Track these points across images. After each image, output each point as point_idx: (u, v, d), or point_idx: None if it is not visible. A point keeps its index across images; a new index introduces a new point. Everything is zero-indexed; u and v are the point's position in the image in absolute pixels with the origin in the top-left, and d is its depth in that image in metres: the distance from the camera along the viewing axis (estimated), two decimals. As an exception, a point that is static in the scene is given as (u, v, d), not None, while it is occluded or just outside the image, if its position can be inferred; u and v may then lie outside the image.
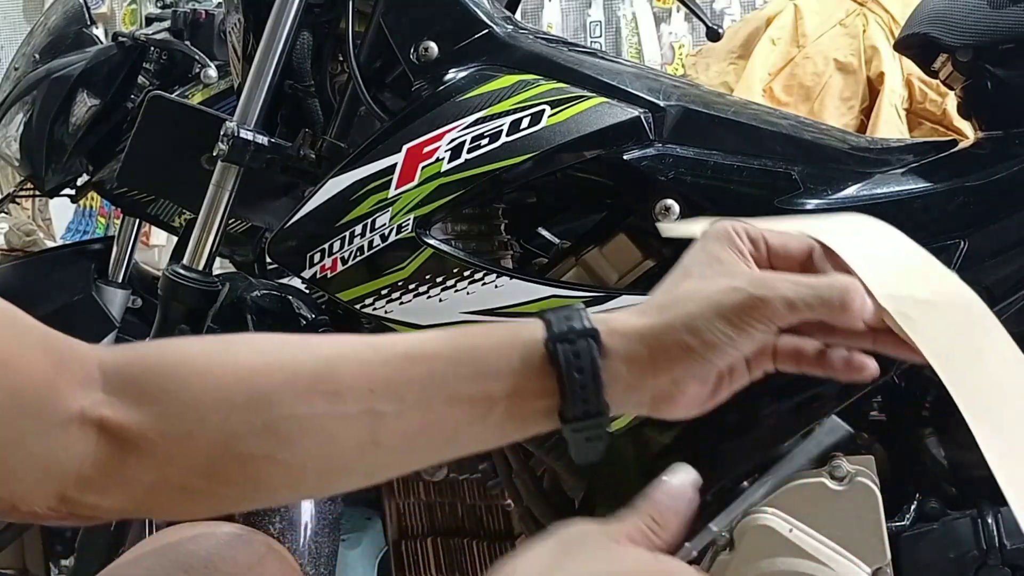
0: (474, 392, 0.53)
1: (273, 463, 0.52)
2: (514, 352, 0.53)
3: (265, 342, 0.55)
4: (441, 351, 0.54)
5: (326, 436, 0.52)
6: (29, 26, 2.31)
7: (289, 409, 0.52)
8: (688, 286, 0.54)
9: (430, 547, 1.56)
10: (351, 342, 0.54)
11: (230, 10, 1.31)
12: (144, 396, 0.51)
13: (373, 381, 0.52)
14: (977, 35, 1.04)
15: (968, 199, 1.02)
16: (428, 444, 0.54)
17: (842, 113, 2.27)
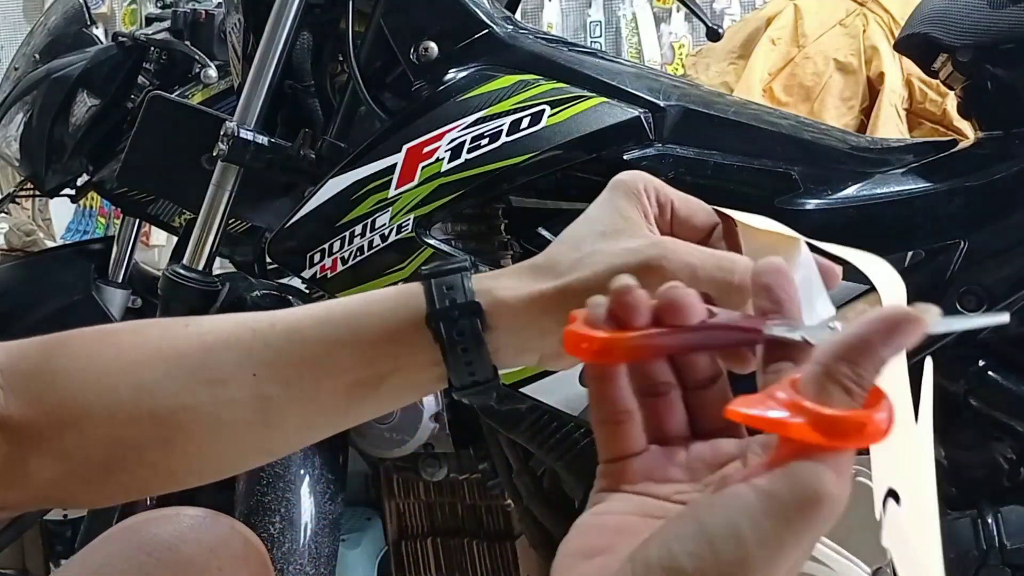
0: (360, 374, 0.52)
1: (168, 451, 0.52)
2: (397, 331, 0.52)
3: (148, 331, 0.55)
4: (321, 334, 0.52)
5: (216, 422, 0.52)
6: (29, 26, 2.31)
7: (174, 399, 0.52)
8: (589, 246, 0.51)
9: (430, 547, 1.56)
10: (232, 326, 0.54)
11: (230, 10, 1.31)
12: (35, 393, 0.52)
13: (257, 366, 0.52)
14: (977, 35, 1.04)
15: (968, 199, 1.02)
16: (323, 421, 0.54)
17: (842, 113, 2.27)
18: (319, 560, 1.09)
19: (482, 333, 0.51)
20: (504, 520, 1.52)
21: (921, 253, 1.01)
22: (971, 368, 1.05)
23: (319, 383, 0.52)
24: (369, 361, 0.52)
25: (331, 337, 0.52)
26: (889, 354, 0.35)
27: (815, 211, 1.03)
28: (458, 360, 0.51)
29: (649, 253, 0.49)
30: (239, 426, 0.53)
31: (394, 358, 0.52)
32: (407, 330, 0.52)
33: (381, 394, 0.53)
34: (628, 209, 0.52)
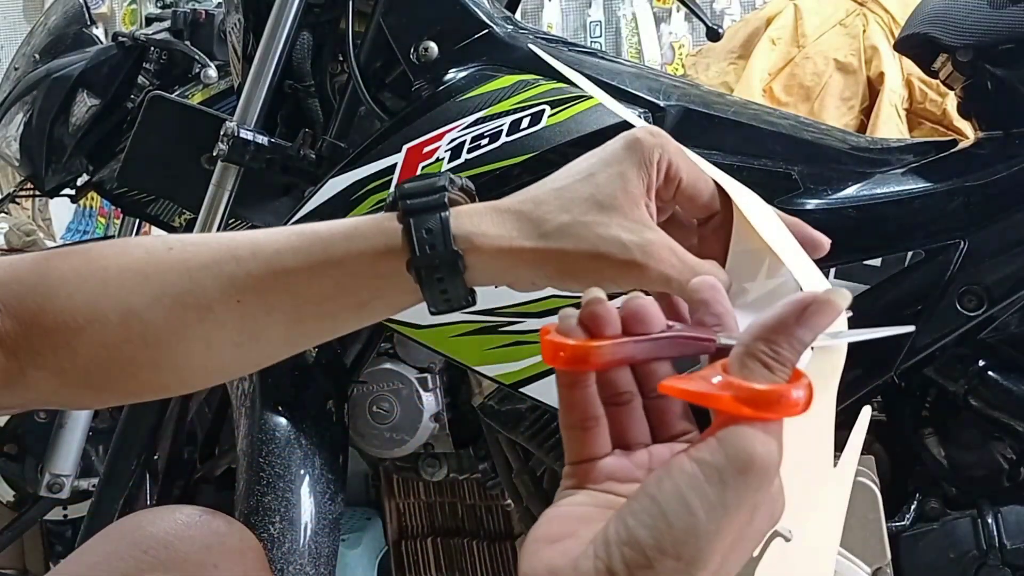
0: (342, 300, 0.55)
1: (159, 370, 0.55)
2: (378, 268, 0.54)
3: (132, 252, 0.56)
4: (302, 265, 0.54)
5: (204, 343, 0.55)
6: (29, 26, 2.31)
7: (163, 322, 0.54)
8: (580, 212, 0.52)
9: (430, 547, 1.56)
10: (215, 252, 0.55)
11: (230, 10, 1.31)
12: (30, 314, 0.54)
13: (241, 292, 0.54)
14: (977, 35, 1.04)
15: (968, 199, 1.02)
16: (306, 338, 0.57)
17: (842, 113, 2.27)
18: (319, 560, 1.09)
19: (460, 275, 0.53)
20: (504, 520, 1.52)
21: (921, 253, 1.01)
22: (971, 368, 1.05)
23: (301, 308, 0.55)
24: (351, 291, 0.55)
25: (313, 268, 0.54)
26: (806, 334, 0.39)
27: (815, 211, 1.03)
28: (435, 294, 0.55)
29: (634, 255, 0.51)
30: (227, 345, 0.55)
31: (375, 288, 0.55)
32: (388, 269, 0.54)
33: (362, 315, 0.56)
34: (633, 182, 0.52)
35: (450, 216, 0.53)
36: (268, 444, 1.09)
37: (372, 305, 0.56)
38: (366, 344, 1.30)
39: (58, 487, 1.61)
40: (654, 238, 0.51)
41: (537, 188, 0.53)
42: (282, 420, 1.11)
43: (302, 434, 1.12)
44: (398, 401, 1.28)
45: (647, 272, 0.50)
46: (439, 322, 1.08)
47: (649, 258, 0.51)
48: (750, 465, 0.36)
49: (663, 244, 0.51)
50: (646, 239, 0.51)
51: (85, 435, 1.63)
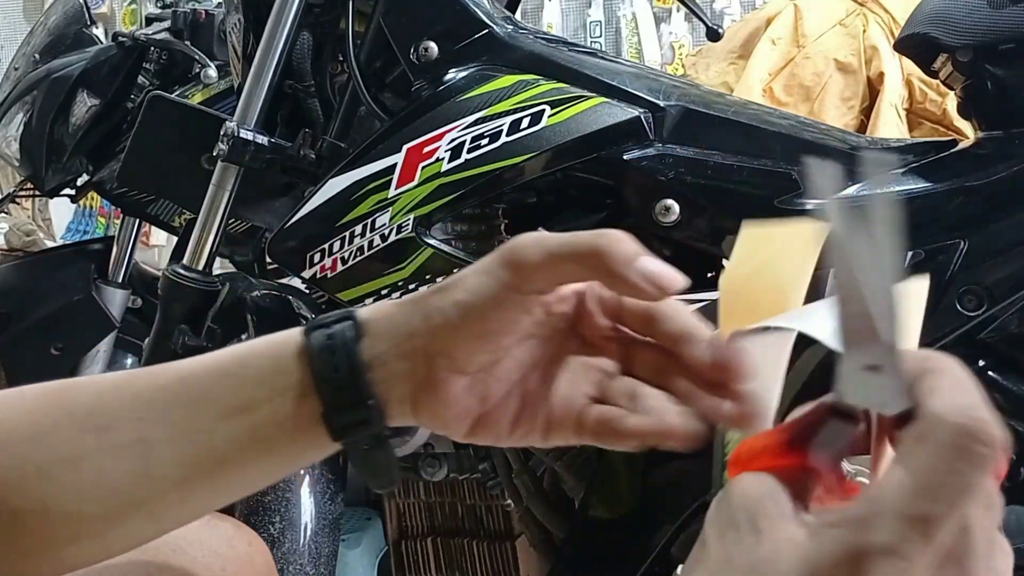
0: (237, 401, 0.49)
1: (47, 513, 0.50)
2: (275, 348, 0.49)
3: (50, 384, 0.52)
4: (212, 366, 0.50)
5: (97, 472, 0.49)
6: (29, 26, 2.31)
7: (60, 450, 0.49)
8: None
9: (430, 547, 1.56)
10: (135, 373, 0.52)
11: (230, 10, 1.31)
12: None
13: (144, 408, 0.50)
14: (977, 35, 1.04)
15: (968, 199, 1.02)
16: (200, 474, 0.50)
17: (842, 113, 2.27)
18: (319, 560, 1.09)
19: (353, 338, 0.47)
20: (504, 520, 1.52)
21: (921, 253, 1.01)
22: (971, 368, 1.05)
23: (198, 421, 0.50)
24: (244, 387, 0.49)
25: (217, 372, 0.50)
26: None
27: (815, 211, 1.03)
28: (327, 372, 0.47)
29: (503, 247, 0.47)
30: (120, 476, 0.49)
31: (270, 383, 0.49)
32: (285, 351, 0.49)
33: (256, 440, 0.49)
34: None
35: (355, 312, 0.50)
36: (268, 444, 1.09)
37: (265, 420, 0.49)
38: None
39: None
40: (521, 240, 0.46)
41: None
42: (282, 420, 1.11)
43: (302, 434, 1.11)
44: (398, 401, 1.28)
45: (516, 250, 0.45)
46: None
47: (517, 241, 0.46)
48: None
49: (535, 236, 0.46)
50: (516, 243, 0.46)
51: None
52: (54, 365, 1.64)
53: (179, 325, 1.21)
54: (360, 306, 0.50)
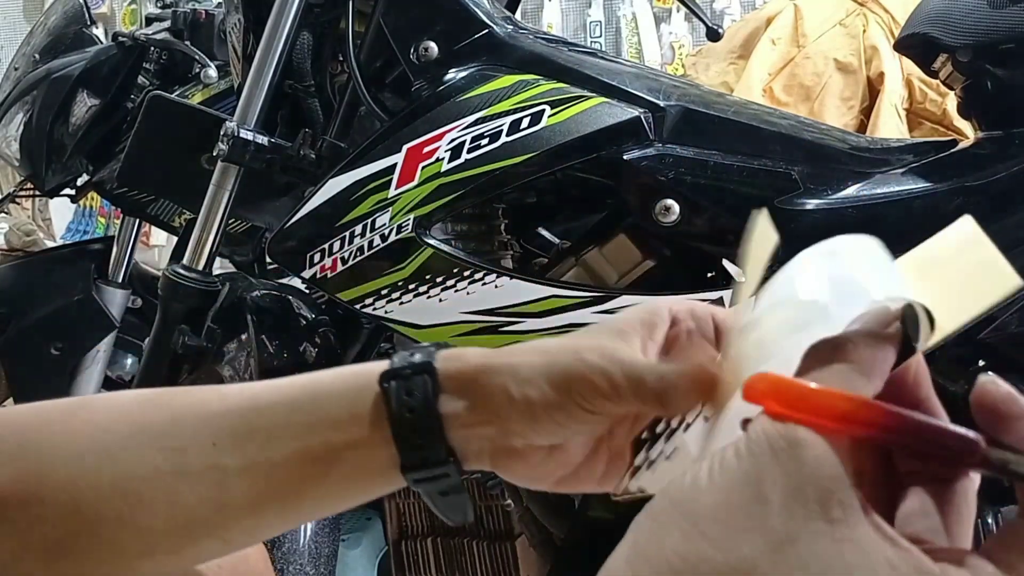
0: (313, 442, 0.49)
1: (122, 526, 0.50)
2: (350, 393, 0.49)
3: (123, 397, 0.53)
4: (285, 397, 0.50)
5: (171, 495, 0.50)
6: (29, 26, 2.31)
7: (134, 467, 0.50)
8: (559, 338, 0.48)
9: (430, 547, 1.56)
10: (205, 392, 0.52)
11: (230, 10, 1.31)
12: (5, 459, 0.50)
13: (217, 434, 0.50)
14: (977, 35, 1.04)
15: (968, 199, 1.02)
16: (273, 505, 0.51)
17: (842, 113, 2.27)
18: (319, 560, 1.09)
19: (431, 395, 0.47)
20: (504, 520, 1.52)
21: (921, 253, 1.01)
22: (971, 368, 1.05)
23: (272, 454, 0.49)
24: (322, 427, 0.49)
25: (291, 406, 0.50)
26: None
27: (815, 211, 1.03)
28: (404, 424, 0.47)
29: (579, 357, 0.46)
30: (193, 502, 0.50)
31: (346, 429, 0.49)
32: (361, 397, 0.49)
33: (331, 479, 0.50)
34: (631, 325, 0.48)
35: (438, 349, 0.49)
36: (268, 444, 1.09)
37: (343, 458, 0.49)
38: (366, 344, 1.30)
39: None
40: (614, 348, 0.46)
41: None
42: (282, 420, 1.11)
43: (302, 434, 1.11)
44: (398, 401, 1.28)
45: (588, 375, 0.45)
46: (439, 322, 1.08)
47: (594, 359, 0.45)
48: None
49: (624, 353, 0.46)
50: (606, 347, 0.46)
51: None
52: (54, 365, 1.64)
53: (179, 325, 1.21)
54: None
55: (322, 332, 1.26)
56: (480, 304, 1.07)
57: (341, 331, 1.30)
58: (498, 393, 0.46)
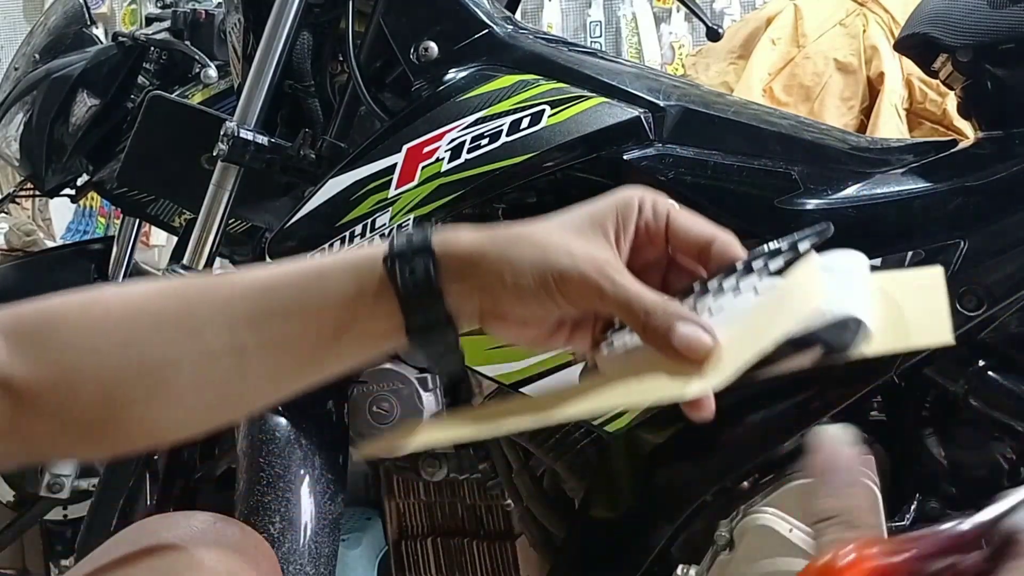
0: (326, 319, 0.55)
1: (151, 407, 0.56)
2: (357, 273, 0.55)
3: (133, 290, 0.58)
4: (294, 280, 0.56)
5: (196, 374, 0.55)
6: (29, 26, 2.31)
7: (159, 352, 0.55)
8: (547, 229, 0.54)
9: (430, 547, 1.56)
10: (213, 281, 0.57)
11: (230, 10, 1.31)
12: (34, 356, 0.55)
13: (233, 318, 0.55)
14: (977, 35, 1.04)
15: (968, 199, 1.02)
16: (292, 374, 0.57)
17: (842, 113, 2.27)
18: (319, 560, 1.09)
19: (433, 272, 0.53)
20: (504, 520, 1.52)
21: (921, 253, 1.01)
22: (971, 368, 1.05)
23: (288, 334, 0.55)
24: (332, 311, 0.55)
25: (301, 287, 0.55)
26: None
27: (815, 211, 1.03)
28: (410, 300, 0.54)
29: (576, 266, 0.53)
30: (217, 378, 0.56)
31: (355, 304, 0.55)
32: (368, 275, 0.54)
33: (343, 345, 0.56)
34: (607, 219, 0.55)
35: (432, 228, 0.55)
36: (268, 444, 1.09)
37: (354, 330, 0.55)
38: (366, 344, 1.30)
39: (58, 487, 1.61)
40: (606, 259, 0.53)
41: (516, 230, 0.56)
42: (282, 420, 1.11)
43: (302, 434, 1.12)
44: (398, 401, 1.28)
45: (584, 285, 0.52)
46: (439, 322, 1.08)
47: (591, 271, 0.52)
48: None
49: (612, 266, 0.53)
50: (599, 257, 0.53)
51: (85, 435, 1.63)
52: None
53: (179, 325, 1.21)
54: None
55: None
56: (480, 304, 1.07)
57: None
58: (493, 279, 0.53)
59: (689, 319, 0.52)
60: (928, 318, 0.48)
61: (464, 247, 0.54)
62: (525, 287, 0.53)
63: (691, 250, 0.56)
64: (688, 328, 0.51)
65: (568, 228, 0.54)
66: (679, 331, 0.51)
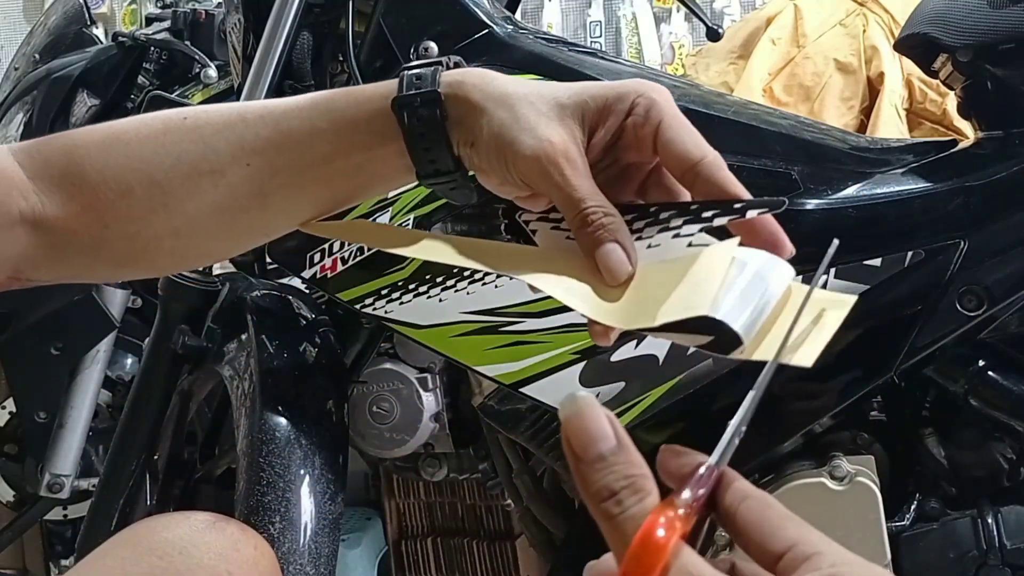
0: (338, 165, 0.57)
1: (180, 239, 0.60)
2: (368, 120, 0.56)
3: (152, 125, 0.59)
4: (304, 124, 0.57)
5: (218, 208, 0.58)
6: (29, 26, 2.31)
7: (181, 191, 0.58)
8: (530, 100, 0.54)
9: (430, 547, 1.56)
10: (226, 119, 0.59)
11: (230, 10, 1.31)
12: (65, 197, 0.59)
13: (250, 156, 0.58)
14: (977, 35, 1.04)
15: (968, 199, 1.02)
16: (309, 205, 0.60)
17: (842, 113, 2.27)
18: (319, 560, 1.08)
19: (441, 123, 0.55)
20: (504, 520, 1.52)
21: (921, 253, 1.01)
22: (971, 368, 1.05)
23: (302, 172, 0.58)
24: (346, 151, 0.57)
25: (315, 126, 0.57)
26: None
27: (815, 211, 1.03)
28: (416, 143, 0.55)
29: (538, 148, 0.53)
30: (239, 210, 0.59)
31: (368, 148, 0.57)
32: (376, 119, 0.56)
33: (357, 184, 0.59)
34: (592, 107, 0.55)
35: (442, 69, 0.56)
36: (268, 444, 1.09)
37: (367, 171, 0.58)
38: (366, 344, 1.30)
39: (58, 487, 1.61)
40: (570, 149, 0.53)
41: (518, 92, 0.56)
42: (282, 420, 1.11)
43: (302, 434, 1.11)
44: (398, 401, 1.28)
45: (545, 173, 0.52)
46: (439, 322, 1.08)
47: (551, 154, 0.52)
48: None
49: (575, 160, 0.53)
50: (563, 137, 0.53)
51: (85, 435, 1.64)
52: (54, 365, 1.64)
53: (179, 325, 1.21)
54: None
55: (322, 332, 1.26)
56: (480, 304, 1.07)
57: (341, 331, 1.30)
58: (476, 134, 0.54)
59: (620, 242, 0.51)
60: (807, 338, 0.47)
61: (469, 95, 0.55)
62: (491, 152, 0.54)
63: (676, 167, 0.53)
64: (614, 251, 0.51)
65: (548, 104, 0.54)
66: (605, 248, 0.51)
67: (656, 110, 0.53)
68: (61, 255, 0.60)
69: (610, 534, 0.34)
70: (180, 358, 1.23)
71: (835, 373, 1.03)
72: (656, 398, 1.03)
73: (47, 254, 0.59)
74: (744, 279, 0.48)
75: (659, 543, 0.33)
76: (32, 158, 0.59)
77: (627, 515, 0.34)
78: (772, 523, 0.36)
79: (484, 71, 0.57)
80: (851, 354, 1.01)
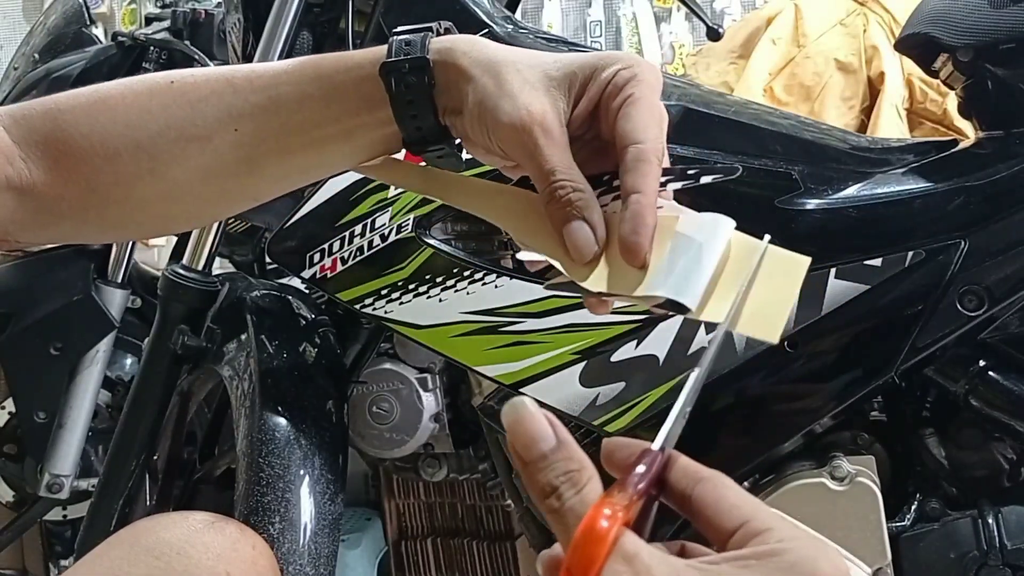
0: (327, 130, 0.57)
1: (168, 203, 0.60)
2: (357, 86, 0.56)
3: (137, 89, 0.59)
4: (293, 90, 0.57)
5: (206, 173, 0.58)
6: (29, 26, 2.31)
7: (168, 155, 0.58)
8: (518, 67, 0.54)
9: (430, 547, 1.56)
10: (214, 85, 0.58)
11: (230, 10, 1.31)
12: (51, 163, 0.58)
13: (237, 121, 0.57)
14: (977, 35, 1.04)
15: (968, 199, 1.02)
16: (297, 172, 0.60)
17: (842, 113, 2.27)
18: (319, 560, 1.08)
19: (428, 88, 0.54)
20: (504, 520, 1.52)
21: (921, 253, 1.01)
22: (971, 368, 1.05)
23: (290, 137, 0.57)
24: (335, 117, 0.56)
25: (303, 91, 0.57)
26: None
27: (815, 211, 1.03)
28: (403, 109, 0.55)
29: (525, 120, 0.52)
30: (226, 175, 0.59)
31: (355, 113, 0.56)
32: (365, 84, 0.55)
33: (346, 149, 0.58)
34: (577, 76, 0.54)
35: (432, 36, 0.57)
36: (268, 444, 1.09)
37: (356, 137, 0.57)
38: (366, 344, 1.30)
39: (58, 487, 1.61)
40: (550, 124, 0.52)
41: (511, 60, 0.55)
42: (282, 420, 1.11)
43: (302, 434, 1.11)
44: (398, 401, 1.28)
45: (520, 143, 0.51)
46: (439, 322, 1.08)
47: (535, 129, 0.51)
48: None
49: (555, 135, 0.52)
50: (549, 118, 0.52)
51: (85, 435, 1.63)
52: (54, 365, 1.64)
53: (179, 325, 1.21)
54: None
55: (322, 332, 1.26)
56: (480, 304, 1.07)
57: (341, 331, 1.30)
58: (467, 99, 0.54)
59: (587, 219, 0.51)
60: (768, 309, 0.47)
61: (458, 63, 0.55)
62: (475, 119, 0.53)
63: (617, 143, 0.52)
64: (580, 228, 0.51)
65: (535, 72, 0.53)
66: (571, 226, 0.51)
67: (632, 84, 0.52)
68: (48, 218, 0.60)
69: (556, 528, 0.35)
70: (180, 358, 1.22)
71: (835, 373, 1.03)
72: (656, 398, 1.03)
73: (35, 218, 0.59)
74: (685, 250, 0.49)
75: (600, 533, 0.33)
76: (17, 123, 0.59)
77: (567, 507, 0.35)
78: (728, 501, 0.38)
79: (475, 38, 0.56)
80: (851, 354, 1.01)
